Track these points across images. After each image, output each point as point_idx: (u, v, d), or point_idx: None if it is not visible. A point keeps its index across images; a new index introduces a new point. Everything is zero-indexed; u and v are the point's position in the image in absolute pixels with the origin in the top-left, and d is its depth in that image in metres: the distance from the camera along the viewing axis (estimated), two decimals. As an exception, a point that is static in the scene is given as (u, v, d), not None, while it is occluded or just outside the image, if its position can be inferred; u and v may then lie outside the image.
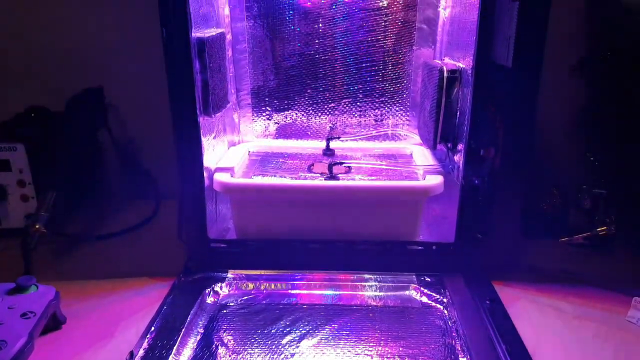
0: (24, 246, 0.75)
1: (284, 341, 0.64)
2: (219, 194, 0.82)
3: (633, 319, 0.69)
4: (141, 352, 0.61)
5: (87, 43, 1.02)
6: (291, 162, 0.90)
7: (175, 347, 0.62)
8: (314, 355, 0.62)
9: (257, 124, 0.97)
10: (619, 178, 0.86)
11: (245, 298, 0.74)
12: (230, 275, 0.77)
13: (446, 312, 0.71)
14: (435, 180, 0.78)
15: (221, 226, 0.87)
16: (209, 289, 0.75)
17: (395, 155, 0.93)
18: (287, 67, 0.92)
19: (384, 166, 0.86)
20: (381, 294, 0.75)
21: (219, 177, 0.79)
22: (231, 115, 0.93)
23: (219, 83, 0.79)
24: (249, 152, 0.94)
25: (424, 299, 0.74)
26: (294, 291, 0.75)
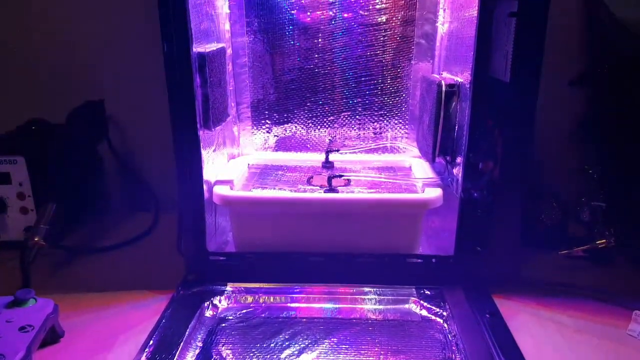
0: (22, 259, 0.75)
1: (283, 355, 0.64)
2: (219, 206, 0.82)
3: (634, 332, 0.68)
4: (139, 366, 0.61)
5: (88, 56, 1.04)
6: (290, 175, 0.90)
7: (173, 361, 0.61)
8: (313, 370, 0.62)
9: (256, 137, 0.98)
10: (617, 191, 0.87)
11: (244, 311, 0.74)
12: (229, 288, 0.77)
13: (446, 325, 0.70)
14: (434, 193, 0.79)
15: (220, 239, 0.86)
16: (207, 302, 0.74)
17: (394, 168, 0.93)
18: (286, 81, 0.93)
19: (383, 179, 0.86)
20: (381, 307, 0.75)
21: (219, 189, 0.80)
22: (231, 128, 0.94)
23: (219, 97, 0.80)
24: (249, 165, 0.94)
25: (424, 312, 0.73)
26: (293, 304, 0.75)
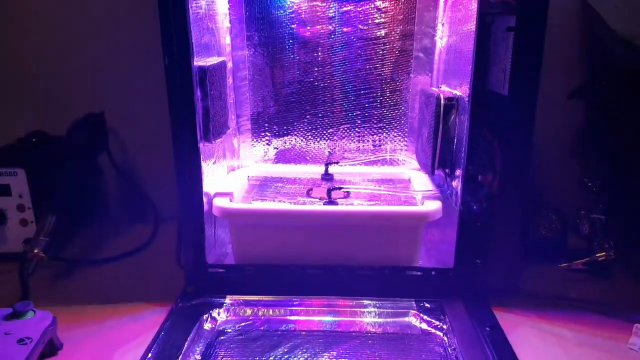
0: (21, 271, 0.75)
1: (282, 369, 0.64)
2: (218, 218, 0.82)
3: (635, 346, 0.68)
4: (138, 379, 0.60)
5: (89, 69, 1.04)
6: (290, 187, 0.90)
7: (172, 375, 0.61)
8: (312, 384, 0.61)
9: (256, 149, 0.98)
10: (617, 203, 0.87)
11: (243, 324, 0.73)
12: (228, 300, 0.77)
13: (446, 339, 0.70)
14: (434, 206, 0.79)
15: (219, 251, 0.86)
16: (206, 315, 0.74)
17: (393, 180, 0.93)
18: (286, 94, 0.94)
19: (382, 191, 0.86)
20: (380, 320, 0.74)
21: (218, 202, 0.80)
22: (231, 140, 0.94)
23: (219, 110, 0.80)
24: (248, 177, 0.94)
25: (424, 325, 0.73)
26: (292, 317, 0.75)
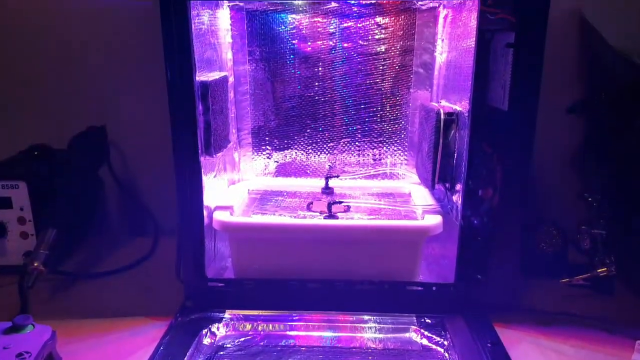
0: (21, 285, 0.75)
1: (281, 385, 0.63)
2: (218, 232, 0.82)
3: (636, 363, 0.67)
4: (136, 395, 0.60)
5: (91, 82, 1.05)
6: (290, 201, 0.90)
7: (170, 391, 0.61)
8: (312, 400, 0.61)
9: (257, 163, 0.98)
10: (618, 218, 0.87)
11: (243, 339, 0.73)
12: (228, 315, 0.76)
13: (447, 355, 0.70)
14: (434, 220, 0.79)
15: (219, 264, 0.86)
16: (206, 330, 0.74)
17: (393, 194, 0.93)
18: (287, 108, 0.94)
19: (383, 205, 0.86)
20: (381, 336, 0.74)
21: (219, 215, 0.80)
22: (232, 154, 0.95)
23: (220, 124, 0.81)
24: (249, 190, 0.94)
25: (425, 341, 0.73)
26: (292, 332, 0.74)
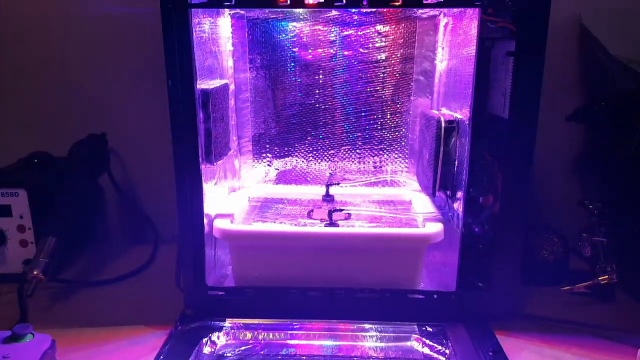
0: (20, 293, 0.74)
1: (282, 395, 0.63)
2: (218, 240, 0.82)
3: (639, 371, 0.67)
4: (136, 405, 0.59)
5: (91, 90, 1.05)
6: (291, 208, 0.90)
7: (170, 401, 0.60)
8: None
9: (257, 170, 0.98)
10: (618, 226, 0.87)
11: (243, 348, 0.73)
12: (228, 324, 0.76)
13: (448, 363, 0.69)
14: (435, 228, 0.78)
15: (219, 272, 0.86)
16: (206, 339, 0.73)
17: (394, 202, 0.93)
18: (287, 116, 0.94)
19: (383, 213, 0.86)
20: (382, 344, 0.73)
21: (219, 223, 0.80)
22: (232, 161, 0.95)
23: (221, 131, 0.81)
24: (249, 198, 0.94)
25: (426, 350, 0.72)
26: (293, 341, 0.74)
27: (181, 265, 0.79)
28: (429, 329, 0.75)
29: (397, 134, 0.95)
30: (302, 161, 0.97)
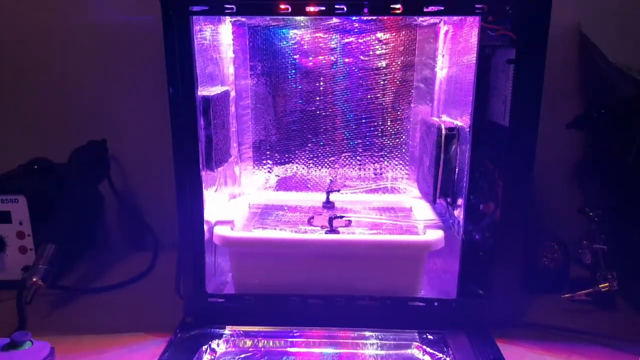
0: (19, 300, 0.74)
1: (282, 403, 0.62)
2: (218, 247, 0.81)
3: (641, 380, 0.67)
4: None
5: (92, 96, 1.05)
6: (291, 215, 0.90)
7: (170, 409, 0.60)
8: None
9: (257, 177, 0.98)
10: (619, 233, 0.87)
11: (243, 356, 0.72)
12: (228, 331, 0.76)
13: (449, 371, 0.69)
14: (436, 235, 0.78)
15: (219, 279, 0.86)
16: (206, 346, 0.73)
17: (394, 209, 0.93)
18: (288, 122, 0.95)
19: (384, 220, 0.86)
20: (383, 352, 0.73)
21: (219, 230, 0.79)
22: (232, 168, 0.95)
23: (222, 138, 0.81)
24: (249, 205, 0.94)
25: (427, 357, 0.72)
26: (293, 349, 0.74)
27: (181, 272, 0.79)
28: (430, 336, 0.75)
29: (397, 141, 0.95)
30: (303, 168, 0.97)
